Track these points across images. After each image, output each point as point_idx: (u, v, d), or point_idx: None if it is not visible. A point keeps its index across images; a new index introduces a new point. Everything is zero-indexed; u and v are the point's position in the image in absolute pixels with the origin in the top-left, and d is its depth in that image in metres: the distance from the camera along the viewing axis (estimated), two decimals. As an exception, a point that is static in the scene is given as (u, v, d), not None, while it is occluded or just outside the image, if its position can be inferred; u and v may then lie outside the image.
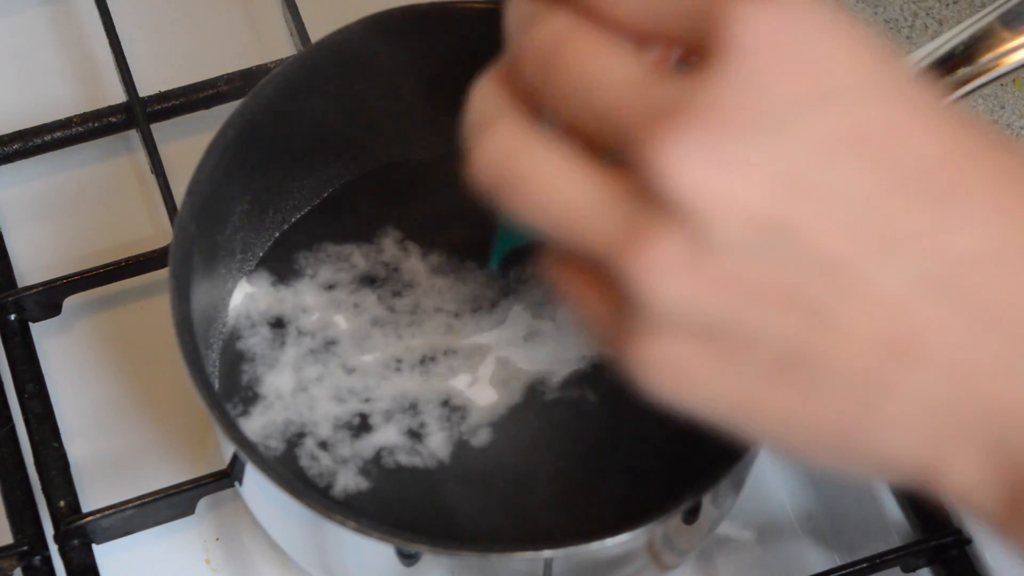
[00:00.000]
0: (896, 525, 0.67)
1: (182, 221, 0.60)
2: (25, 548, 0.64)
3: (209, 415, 0.56)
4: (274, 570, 0.66)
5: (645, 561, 0.59)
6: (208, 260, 0.62)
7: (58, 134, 0.74)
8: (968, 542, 0.66)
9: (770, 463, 0.68)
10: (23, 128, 0.74)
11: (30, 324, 0.70)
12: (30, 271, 0.72)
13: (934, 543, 0.65)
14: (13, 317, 0.69)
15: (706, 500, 0.57)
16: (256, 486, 0.59)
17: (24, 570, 0.64)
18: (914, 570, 0.66)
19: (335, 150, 0.67)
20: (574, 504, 0.61)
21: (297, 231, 0.67)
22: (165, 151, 0.72)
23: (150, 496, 0.64)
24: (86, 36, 0.79)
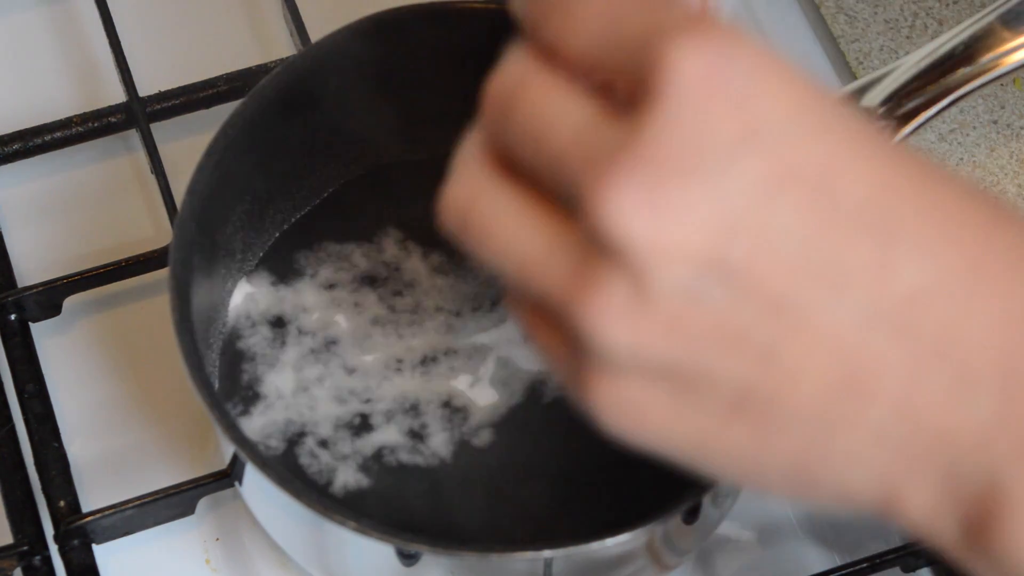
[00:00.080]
0: (896, 525, 0.67)
1: (182, 221, 0.60)
2: (25, 548, 0.64)
3: (209, 415, 0.56)
4: (274, 570, 0.66)
5: (645, 561, 0.59)
6: (208, 260, 0.62)
7: (58, 134, 0.74)
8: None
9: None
10: (23, 128, 0.74)
11: (30, 324, 0.70)
12: (30, 271, 0.72)
13: (934, 543, 0.66)
14: (13, 317, 0.69)
15: (706, 500, 0.57)
16: (256, 486, 0.59)
17: (24, 570, 0.64)
18: (914, 570, 0.66)
19: (335, 150, 0.67)
20: (574, 504, 0.61)
21: (297, 231, 0.67)
22: (165, 151, 0.72)
23: (150, 496, 0.64)
24: (86, 36, 0.79)
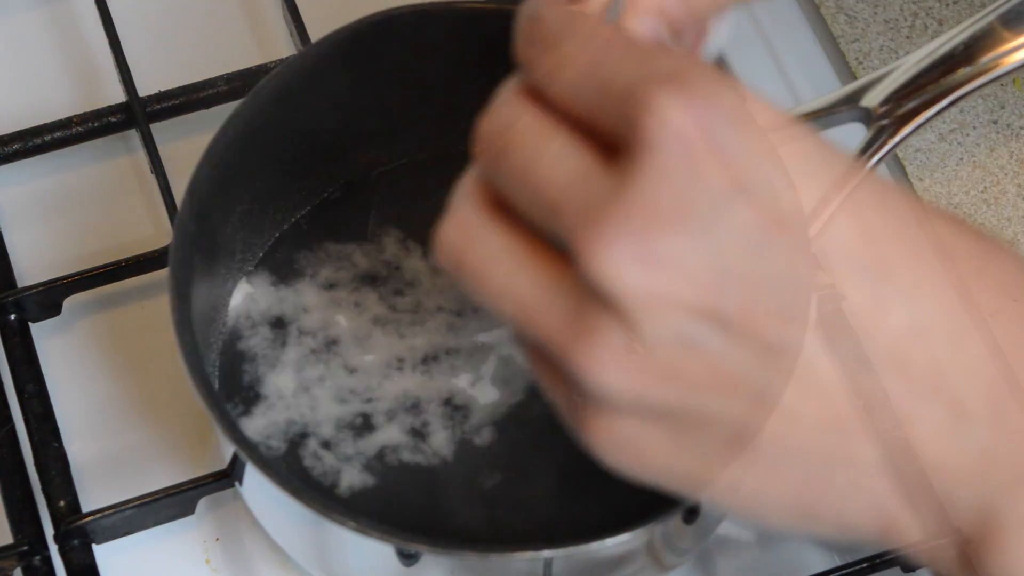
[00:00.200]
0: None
1: (182, 221, 0.60)
2: (25, 548, 0.64)
3: (209, 415, 0.56)
4: (274, 570, 0.66)
5: (645, 561, 0.59)
6: (208, 260, 0.62)
7: (58, 134, 0.74)
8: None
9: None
10: (23, 128, 0.74)
11: (30, 324, 0.70)
12: (30, 271, 0.72)
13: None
14: (13, 317, 0.69)
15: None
16: (256, 486, 0.59)
17: (24, 570, 0.64)
18: (914, 570, 0.66)
19: (335, 150, 0.67)
20: (574, 504, 0.61)
21: (297, 231, 0.67)
22: (165, 151, 0.72)
23: (150, 496, 0.64)
24: (86, 36, 0.79)
